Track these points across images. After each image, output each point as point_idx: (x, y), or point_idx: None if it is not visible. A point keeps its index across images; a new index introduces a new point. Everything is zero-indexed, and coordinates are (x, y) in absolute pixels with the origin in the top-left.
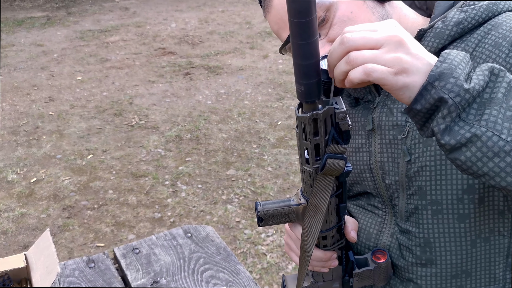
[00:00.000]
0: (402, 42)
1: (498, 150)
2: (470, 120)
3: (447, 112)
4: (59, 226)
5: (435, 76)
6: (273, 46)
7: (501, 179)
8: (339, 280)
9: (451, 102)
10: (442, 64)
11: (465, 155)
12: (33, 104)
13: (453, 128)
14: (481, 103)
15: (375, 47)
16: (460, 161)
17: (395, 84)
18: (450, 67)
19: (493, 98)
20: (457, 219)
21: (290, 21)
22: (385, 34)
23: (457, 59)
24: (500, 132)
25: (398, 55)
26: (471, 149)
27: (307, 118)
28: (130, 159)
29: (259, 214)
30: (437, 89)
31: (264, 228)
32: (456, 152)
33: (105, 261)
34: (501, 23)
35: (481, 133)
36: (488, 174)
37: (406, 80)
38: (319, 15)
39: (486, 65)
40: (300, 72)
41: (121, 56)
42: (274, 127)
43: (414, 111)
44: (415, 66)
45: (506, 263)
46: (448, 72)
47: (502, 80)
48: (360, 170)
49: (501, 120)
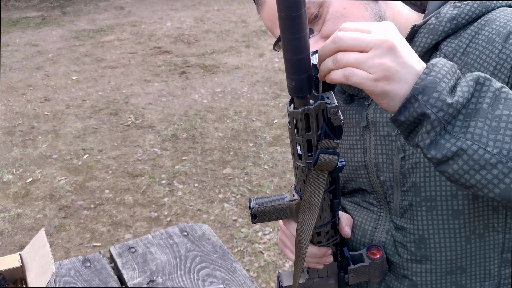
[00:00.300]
0: (393, 48)
1: (485, 163)
2: (456, 133)
3: (431, 127)
4: (56, 226)
5: (419, 90)
6: (269, 44)
7: (489, 191)
8: (334, 277)
9: (434, 117)
10: (427, 77)
11: (452, 168)
12: (29, 104)
13: (439, 141)
14: (467, 114)
15: (364, 50)
16: (448, 174)
17: (373, 90)
18: (434, 81)
19: (478, 109)
20: (452, 215)
21: (280, 16)
22: (378, 37)
23: (442, 71)
24: (486, 145)
25: (383, 62)
26: (457, 162)
27: (298, 114)
28: (126, 158)
29: (252, 211)
30: (420, 103)
31: (261, 226)
32: (443, 165)
33: (101, 260)
34: (495, 18)
35: (467, 147)
36: (476, 186)
37: (385, 88)
38: (312, 11)
39: (472, 75)
40: (291, 67)
41: (117, 56)
42: (270, 126)
43: (399, 122)
44: (398, 74)
45: (501, 259)
46: (432, 86)
47: (488, 89)
48: (355, 167)
49: (486, 132)
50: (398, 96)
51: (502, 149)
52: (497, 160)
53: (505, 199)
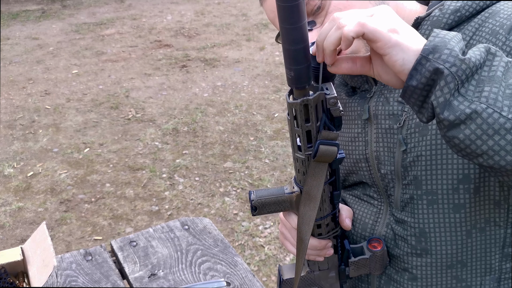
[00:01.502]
0: (393, 12)
1: (499, 128)
2: (469, 96)
3: (445, 83)
4: (57, 219)
5: (429, 50)
6: (270, 38)
7: (501, 158)
8: (335, 269)
9: (447, 72)
10: (435, 38)
11: (464, 132)
12: (29, 97)
13: (453, 102)
14: (480, 80)
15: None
16: (458, 140)
17: (388, 40)
18: (444, 40)
19: (492, 76)
20: (453, 209)
21: (278, 5)
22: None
23: (449, 35)
24: (500, 109)
25: (390, 18)
26: (470, 126)
27: (297, 104)
28: (127, 152)
29: (252, 203)
30: (432, 61)
31: (261, 220)
32: (454, 130)
33: (102, 254)
34: (499, 11)
35: (482, 110)
36: (487, 153)
37: (399, 38)
38: (315, 3)
39: (482, 44)
40: (290, 57)
41: (117, 49)
42: (271, 119)
43: (410, 89)
44: (407, 30)
45: (502, 253)
46: (442, 44)
47: (500, 59)
48: (356, 160)
49: (501, 98)
50: (411, 50)
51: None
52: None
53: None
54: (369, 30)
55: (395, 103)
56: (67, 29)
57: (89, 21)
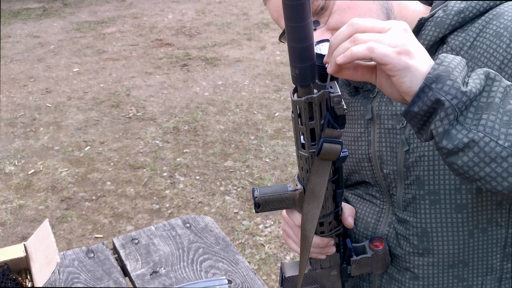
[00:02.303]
0: (408, 31)
1: (495, 156)
2: (467, 124)
3: (445, 115)
4: (58, 217)
5: (432, 78)
6: (271, 37)
7: (497, 184)
8: (337, 268)
9: (448, 104)
10: (439, 67)
11: (462, 159)
12: (30, 96)
13: (451, 131)
14: (478, 107)
15: (381, 31)
16: (457, 165)
17: (397, 63)
18: (447, 70)
19: (490, 102)
20: (455, 209)
21: (284, 4)
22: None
23: (453, 62)
24: (497, 138)
25: (403, 38)
26: (468, 154)
27: (302, 102)
28: (127, 150)
29: (256, 200)
30: (434, 91)
31: (262, 219)
32: (453, 157)
33: (104, 251)
34: (503, 12)
35: (479, 138)
36: (485, 179)
37: (408, 62)
38: (318, 3)
39: (482, 70)
40: (295, 55)
41: (118, 48)
42: (271, 119)
43: (412, 114)
44: (418, 52)
45: (503, 253)
46: (445, 74)
47: (499, 84)
48: (359, 159)
49: (498, 126)
50: (420, 73)
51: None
52: (507, 154)
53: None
54: (377, 55)
55: (398, 104)
56: (68, 27)
57: (90, 19)
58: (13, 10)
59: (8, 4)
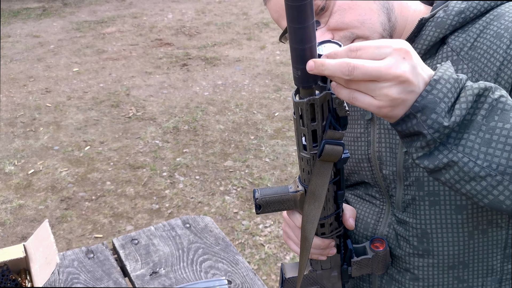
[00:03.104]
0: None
1: (474, 175)
2: (449, 144)
3: (425, 145)
4: (57, 217)
5: (418, 108)
6: (270, 37)
7: (479, 200)
8: (337, 269)
9: (430, 137)
10: (428, 95)
11: (445, 176)
12: (30, 95)
13: (433, 152)
14: (462, 126)
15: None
16: (441, 181)
17: (377, 113)
18: (435, 100)
19: (473, 120)
20: (454, 210)
21: (287, 5)
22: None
23: (444, 89)
24: (476, 158)
25: (391, 95)
26: (449, 172)
27: (304, 104)
28: (127, 150)
29: (257, 201)
30: (418, 121)
31: (262, 219)
32: (436, 173)
33: (104, 251)
34: (504, 13)
35: (458, 159)
36: (467, 195)
37: (388, 113)
38: (319, 3)
39: (472, 88)
40: (297, 57)
41: (118, 47)
42: (271, 118)
43: (395, 129)
44: (403, 103)
45: (504, 254)
46: (432, 106)
47: (485, 100)
48: (358, 160)
49: (478, 145)
50: (398, 117)
51: (491, 163)
52: (486, 173)
53: (494, 208)
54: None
55: None
56: (68, 27)
57: (90, 19)
58: (13, 10)
59: (8, 4)
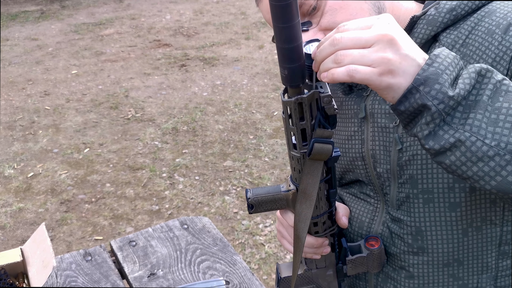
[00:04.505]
0: (393, 41)
1: (482, 155)
2: (455, 124)
3: (431, 119)
4: (57, 220)
5: (421, 80)
6: (268, 36)
7: (485, 183)
8: (332, 268)
9: (435, 109)
10: (429, 68)
11: (450, 159)
12: (29, 98)
13: (438, 132)
14: (466, 106)
15: (365, 46)
16: (445, 165)
17: (379, 84)
18: (437, 72)
19: (478, 101)
20: (448, 207)
21: (271, 5)
22: (377, 32)
23: (445, 62)
24: (484, 137)
25: (386, 55)
26: (455, 153)
27: (292, 103)
28: (127, 152)
29: (249, 201)
30: (422, 94)
31: (262, 218)
32: (441, 156)
33: (102, 254)
34: (495, 10)
35: (465, 138)
36: (473, 178)
37: (390, 81)
38: (310, 3)
39: (474, 66)
40: (283, 56)
41: (116, 49)
42: (270, 118)
43: (398, 111)
44: (401, 68)
45: (498, 251)
46: (434, 77)
47: (488, 81)
48: (352, 158)
49: (485, 124)
50: (402, 89)
51: (500, 142)
52: (494, 153)
53: (501, 191)
54: (358, 79)
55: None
56: (66, 29)
57: (88, 21)
58: (11, 13)
59: (6, 7)
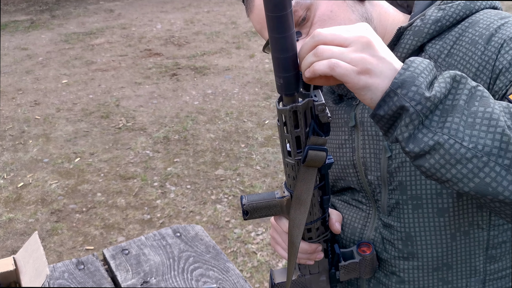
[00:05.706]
0: (370, 43)
1: (460, 157)
2: (433, 127)
3: (409, 120)
4: (48, 230)
5: (398, 84)
6: (259, 45)
7: (464, 185)
8: (325, 273)
9: (412, 110)
10: (405, 72)
11: (429, 162)
12: (19, 108)
13: (417, 135)
14: (444, 110)
15: (343, 44)
16: (424, 168)
17: (356, 83)
18: (413, 75)
19: (455, 105)
20: (437, 213)
21: (267, 16)
22: (355, 34)
23: (420, 67)
24: (462, 140)
25: (364, 55)
26: (434, 156)
27: (287, 111)
28: (118, 161)
29: (244, 208)
30: (399, 96)
31: (253, 227)
32: (420, 159)
33: (94, 262)
34: (478, 21)
35: (444, 141)
36: (451, 180)
37: (368, 81)
38: (300, 14)
39: (448, 72)
40: (279, 66)
41: (107, 58)
42: (261, 126)
43: (378, 117)
44: (379, 68)
45: (486, 255)
46: (410, 80)
47: (464, 87)
48: (344, 166)
49: (462, 128)
50: (379, 90)
51: (477, 144)
52: (472, 155)
53: (479, 193)
54: (337, 74)
55: None
56: (56, 39)
57: (79, 31)
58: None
59: None
